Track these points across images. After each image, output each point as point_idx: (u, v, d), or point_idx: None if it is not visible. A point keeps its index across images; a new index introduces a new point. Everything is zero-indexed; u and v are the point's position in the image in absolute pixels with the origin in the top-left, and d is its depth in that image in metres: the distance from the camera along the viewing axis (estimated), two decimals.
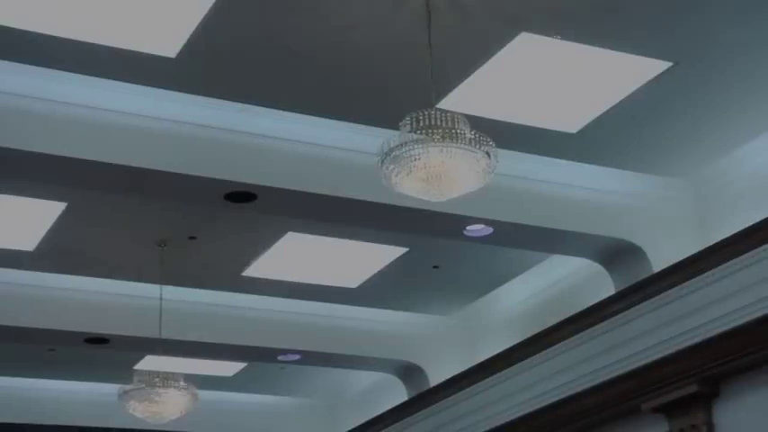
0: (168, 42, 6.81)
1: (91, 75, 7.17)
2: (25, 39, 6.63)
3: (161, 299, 9.83)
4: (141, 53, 6.90)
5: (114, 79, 7.24)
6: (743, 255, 7.40)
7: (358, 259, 10.08)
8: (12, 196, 8.53)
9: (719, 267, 7.56)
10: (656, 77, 7.36)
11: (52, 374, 12.31)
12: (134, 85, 7.33)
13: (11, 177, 7.80)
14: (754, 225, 7.42)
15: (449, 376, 10.61)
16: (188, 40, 6.74)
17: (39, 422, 11.78)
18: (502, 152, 5.91)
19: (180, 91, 7.43)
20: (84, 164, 7.33)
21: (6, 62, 6.95)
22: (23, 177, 7.80)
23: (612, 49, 7.06)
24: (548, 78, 7.37)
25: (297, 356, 11.57)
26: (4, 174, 7.62)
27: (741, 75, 7.40)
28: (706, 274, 7.66)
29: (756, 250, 7.30)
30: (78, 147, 7.26)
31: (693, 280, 7.76)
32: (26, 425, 11.53)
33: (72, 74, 7.15)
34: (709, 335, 7.56)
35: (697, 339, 7.68)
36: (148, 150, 7.47)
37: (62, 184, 7.97)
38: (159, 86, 7.37)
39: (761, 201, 7.72)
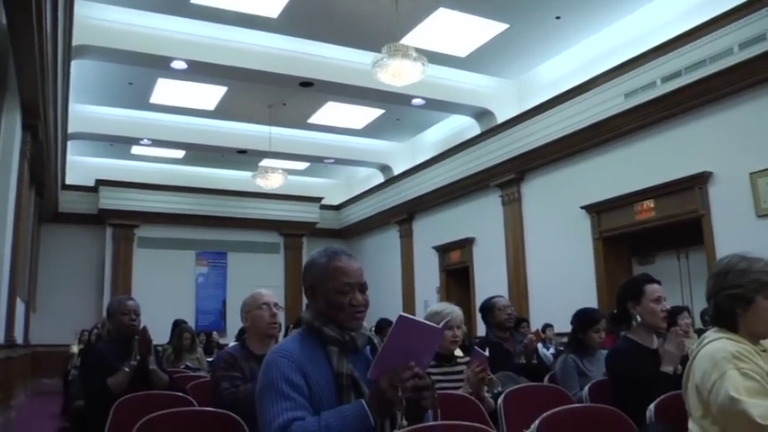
0: (273, 8, 6.69)
1: (241, 27, 7.03)
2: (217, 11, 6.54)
3: (270, 133, 9.80)
4: (261, 16, 6.80)
5: (248, 28, 7.11)
6: (538, 115, 7.51)
7: (362, 116, 9.87)
8: (196, 83, 8.23)
9: (527, 121, 7.73)
10: (502, 32, 7.27)
11: (226, 167, 11.84)
12: (256, 30, 7.18)
13: (199, 75, 7.65)
14: (543, 102, 7.51)
15: (402, 170, 10.81)
16: (282, 9, 6.65)
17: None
18: (430, 65, 5.95)
19: (277, 33, 7.27)
20: (234, 69, 7.33)
21: (202, 21, 6.79)
22: (206, 75, 7.64)
23: (485, 18, 6.96)
24: (452, 30, 7.23)
25: (332, 160, 11.48)
26: (194, 73, 7.48)
27: (545, 28, 7.24)
28: (521, 124, 7.83)
29: (544, 113, 7.43)
30: (232, 59, 7.21)
31: (515, 126, 7.92)
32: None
33: (224, 25, 6.99)
34: (520, 152, 7.82)
35: (514, 154, 7.89)
36: (264, 62, 7.39)
37: (224, 78, 7.84)
38: (267, 31, 7.22)
39: (547, 91, 7.70)
